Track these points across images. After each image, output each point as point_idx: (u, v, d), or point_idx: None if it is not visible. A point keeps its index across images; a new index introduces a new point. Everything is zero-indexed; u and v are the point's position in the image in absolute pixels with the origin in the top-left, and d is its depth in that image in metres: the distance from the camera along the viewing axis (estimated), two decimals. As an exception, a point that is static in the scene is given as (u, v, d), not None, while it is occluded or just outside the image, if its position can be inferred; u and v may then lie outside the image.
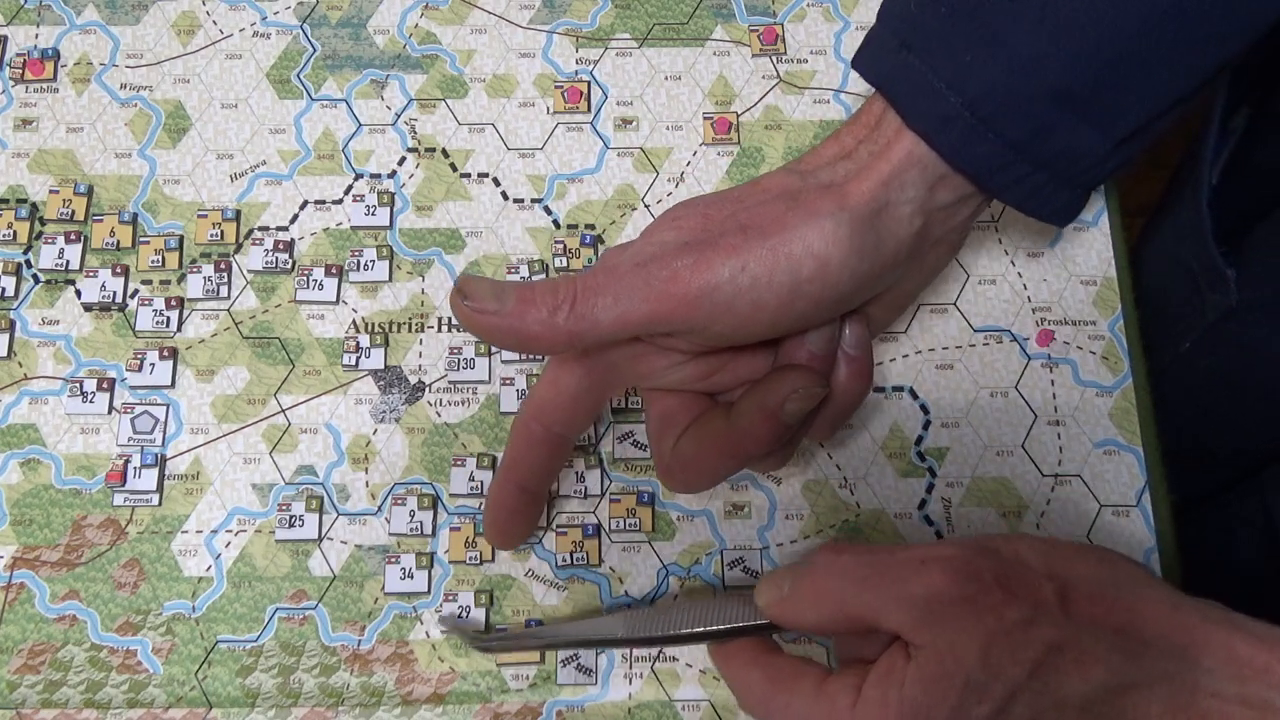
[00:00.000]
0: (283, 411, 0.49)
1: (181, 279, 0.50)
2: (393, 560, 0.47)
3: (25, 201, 0.52)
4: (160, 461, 0.48)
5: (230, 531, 0.47)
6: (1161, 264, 0.64)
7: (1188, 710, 0.30)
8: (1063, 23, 0.35)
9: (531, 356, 0.49)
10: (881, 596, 0.33)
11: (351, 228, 0.51)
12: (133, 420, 0.48)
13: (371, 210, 0.51)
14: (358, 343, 0.49)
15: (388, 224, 0.51)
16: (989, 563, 0.32)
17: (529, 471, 0.42)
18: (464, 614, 0.46)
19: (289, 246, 0.51)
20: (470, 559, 0.46)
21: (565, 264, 0.50)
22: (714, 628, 0.38)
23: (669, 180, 0.52)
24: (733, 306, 0.36)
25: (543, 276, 0.50)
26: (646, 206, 0.52)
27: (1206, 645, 0.30)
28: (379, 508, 0.48)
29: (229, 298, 0.50)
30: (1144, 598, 0.31)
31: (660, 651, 0.46)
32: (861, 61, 0.39)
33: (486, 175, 0.52)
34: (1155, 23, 0.34)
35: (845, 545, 0.35)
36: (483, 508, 0.43)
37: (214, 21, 0.54)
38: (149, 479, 0.48)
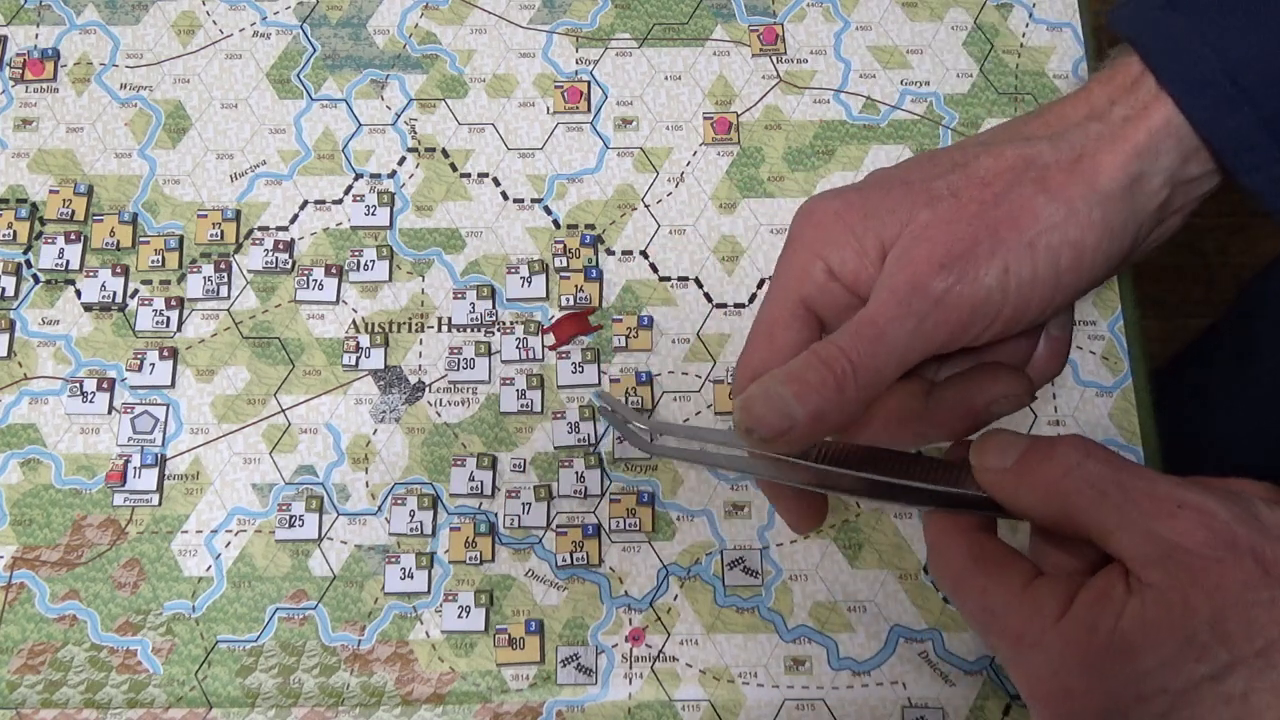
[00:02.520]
0: (283, 411, 0.49)
1: (181, 279, 0.50)
2: (393, 560, 0.46)
3: (25, 201, 0.52)
4: (160, 461, 0.48)
5: (230, 531, 0.47)
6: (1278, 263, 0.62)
7: None
8: None
9: (533, 356, 0.49)
10: (1123, 523, 0.31)
11: (351, 228, 0.51)
12: (133, 420, 0.48)
13: (371, 210, 0.51)
14: (358, 343, 0.49)
15: (388, 224, 0.51)
16: (1250, 532, 0.30)
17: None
18: (464, 614, 0.46)
19: (289, 246, 0.51)
20: (470, 559, 0.46)
21: (565, 264, 0.50)
22: (915, 484, 0.35)
23: (669, 180, 0.52)
24: (1000, 314, 0.35)
25: (543, 277, 0.50)
26: (646, 206, 0.52)
27: None
28: (379, 508, 0.48)
29: (229, 298, 0.50)
30: None
31: (661, 651, 0.46)
32: (1120, 18, 0.37)
33: (486, 175, 0.52)
34: None
35: (1093, 445, 0.32)
36: (770, 501, 0.41)
37: (214, 21, 0.54)
38: (149, 479, 0.47)
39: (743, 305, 0.50)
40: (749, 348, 0.38)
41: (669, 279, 0.51)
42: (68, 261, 0.50)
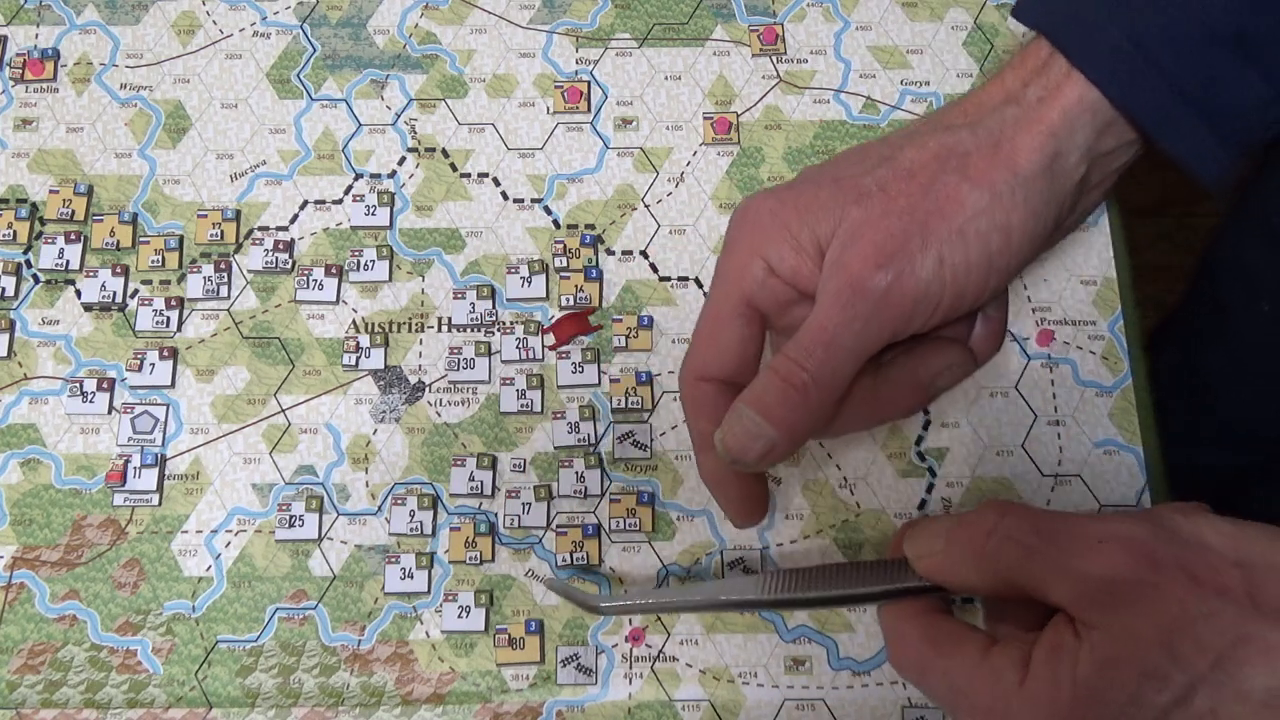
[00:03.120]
0: (283, 411, 0.49)
1: (181, 279, 0.50)
2: (393, 560, 0.46)
3: (25, 201, 0.52)
4: (160, 461, 0.48)
5: (230, 531, 0.47)
6: (1244, 229, 0.64)
7: None
8: None
9: (533, 356, 0.49)
10: (1052, 570, 0.31)
11: (351, 228, 0.51)
12: (133, 420, 0.48)
13: (371, 210, 0.51)
14: (358, 343, 0.49)
15: (388, 224, 0.51)
16: (1172, 548, 0.31)
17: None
18: (464, 614, 0.46)
19: (289, 246, 0.51)
20: (470, 559, 0.46)
21: (565, 264, 0.50)
22: (861, 590, 0.37)
23: (669, 180, 0.52)
24: (940, 303, 0.36)
25: (543, 277, 0.50)
26: (646, 206, 0.52)
27: None
28: (379, 508, 0.48)
29: (229, 298, 0.50)
30: None
31: (661, 651, 0.46)
32: (1024, 8, 0.39)
33: (486, 175, 0.52)
34: None
35: (1008, 504, 0.34)
36: (716, 500, 0.42)
37: (214, 21, 0.54)
38: (149, 479, 0.47)
39: (743, 305, 0.50)
40: (694, 347, 0.40)
41: (669, 279, 0.51)
42: (68, 261, 0.50)
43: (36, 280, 0.50)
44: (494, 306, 0.50)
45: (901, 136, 0.38)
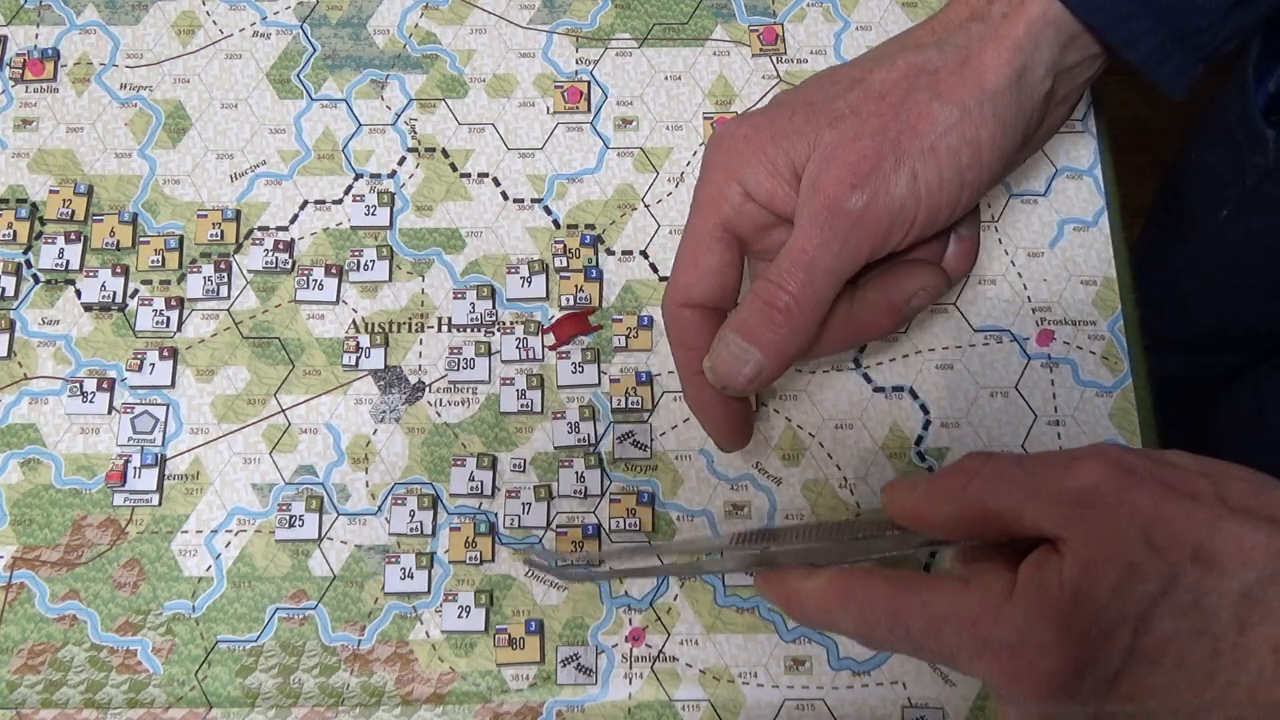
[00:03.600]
0: (283, 411, 0.49)
1: (181, 279, 0.50)
2: (393, 560, 0.46)
3: (25, 201, 0.52)
4: (160, 461, 0.48)
5: (230, 531, 0.47)
6: (1205, 137, 0.66)
7: None
8: None
9: (533, 356, 0.49)
10: (1029, 493, 0.32)
11: (351, 228, 0.51)
12: (133, 420, 0.48)
13: (371, 210, 0.51)
14: (358, 343, 0.49)
15: (388, 224, 0.51)
16: (1143, 460, 0.31)
17: (704, 354, 0.41)
18: (464, 614, 0.46)
19: (289, 246, 0.51)
20: (470, 559, 0.46)
21: (565, 264, 0.50)
22: (819, 541, 0.36)
23: (669, 180, 0.52)
24: (915, 220, 0.38)
25: (543, 277, 0.50)
26: (646, 206, 0.52)
27: None
28: (379, 508, 0.48)
29: (229, 298, 0.50)
30: None
31: (661, 651, 0.46)
32: None
33: (486, 175, 0.52)
34: None
35: (992, 453, 0.34)
36: (702, 424, 0.43)
37: (214, 21, 0.54)
38: (149, 479, 0.47)
39: (743, 305, 0.50)
40: (675, 272, 0.41)
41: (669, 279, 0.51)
42: (68, 261, 0.50)
43: (36, 280, 0.50)
44: (494, 306, 0.50)
45: (871, 58, 0.40)
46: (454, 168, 0.52)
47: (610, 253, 0.51)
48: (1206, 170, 0.66)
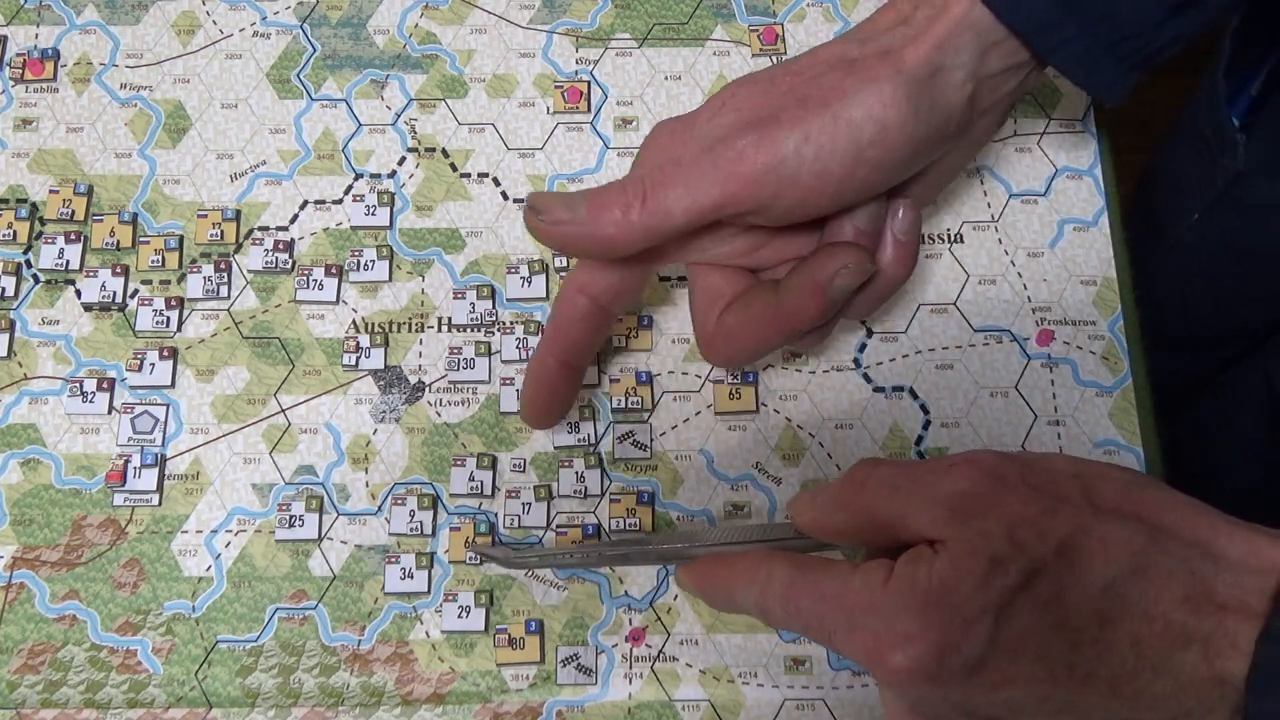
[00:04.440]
0: (283, 411, 0.49)
1: (181, 279, 0.50)
2: (393, 560, 0.46)
3: (25, 201, 0.52)
4: (160, 461, 0.48)
5: (230, 531, 0.47)
6: (1177, 140, 0.66)
7: (1208, 598, 0.30)
8: None
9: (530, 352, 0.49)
10: (910, 500, 0.33)
11: (351, 228, 0.51)
12: (133, 420, 0.48)
13: (371, 210, 0.51)
14: (358, 343, 0.49)
15: (388, 224, 0.51)
16: (1015, 466, 0.33)
17: (571, 344, 0.43)
18: (464, 614, 0.46)
19: (289, 246, 0.51)
20: (470, 559, 0.46)
21: (565, 264, 0.50)
22: (738, 540, 0.39)
23: (669, 180, 0.52)
24: (798, 179, 0.38)
25: (543, 277, 0.50)
26: (646, 206, 0.52)
27: (1230, 541, 0.31)
28: (379, 508, 0.48)
29: (229, 298, 0.50)
30: (1169, 500, 0.32)
31: (661, 651, 0.46)
32: None
33: (486, 175, 0.52)
34: None
35: (880, 459, 0.36)
36: (522, 388, 0.44)
37: (214, 21, 0.54)
38: (149, 479, 0.47)
39: (743, 305, 0.50)
40: (580, 261, 0.42)
41: (669, 279, 0.51)
42: (68, 261, 0.50)
43: (36, 280, 0.50)
44: (494, 306, 0.50)
45: (800, 54, 0.41)
46: (454, 168, 0.52)
47: (610, 253, 0.51)
48: (1178, 172, 0.66)
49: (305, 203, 0.52)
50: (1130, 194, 0.61)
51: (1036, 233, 0.51)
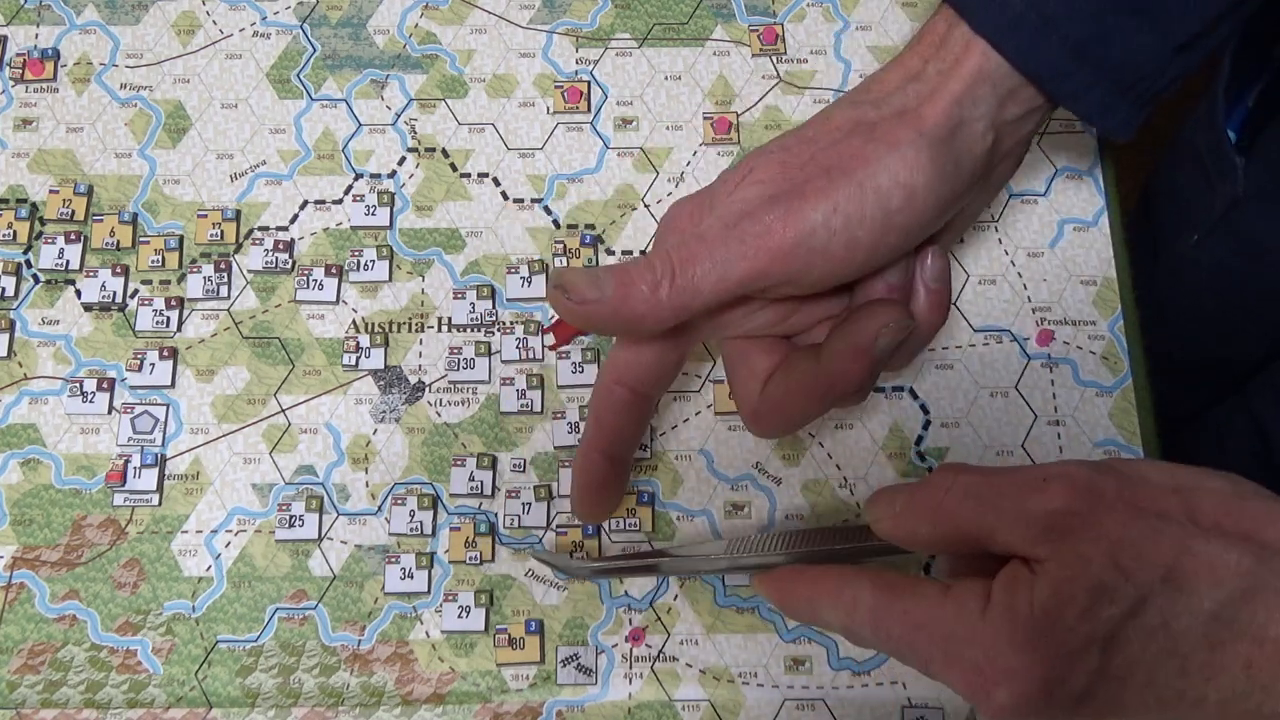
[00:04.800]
0: (283, 411, 0.49)
1: (181, 279, 0.50)
2: (393, 560, 0.46)
3: (25, 201, 0.52)
4: (160, 461, 0.48)
5: (230, 531, 0.47)
6: (1179, 158, 0.65)
7: None
8: None
9: (533, 356, 0.49)
10: (1000, 514, 0.32)
11: (351, 228, 0.51)
12: (133, 420, 0.48)
13: (371, 210, 0.51)
14: (358, 343, 0.49)
15: (388, 224, 0.51)
16: (1112, 480, 0.32)
17: (616, 437, 0.42)
18: (464, 614, 0.46)
19: (289, 246, 0.51)
20: (470, 559, 0.46)
21: (565, 264, 0.50)
22: (818, 547, 0.38)
23: (669, 180, 0.52)
24: (828, 250, 0.37)
25: (543, 277, 0.50)
26: (646, 206, 0.52)
27: None
28: (379, 508, 0.48)
29: (229, 298, 0.50)
30: (1274, 511, 0.31)
31: (661, 651, 0.46)
32: None
33: (486, 175, 0.52)
34: None
35: (964, 465, 0.34)
36: (571, 484, 0.43)
37: (214, 21, 0.54)
38: (149, 479, 0.47)
39: (743, 305, 0.50)
40: (614, 348, 0.41)
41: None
42: (68, 261, 0.50)
43: (36, 280, 0.50)
44: (494, 306, 0.50)
45: (808, 120, 0.40)
46: (454, 168, 0.52)
47: (610, 253, 0.51)
48: (1177, 193, 0.65)
49: (305, 203, 0.52)
50: (1130, 195, 0.60)
51: (1036, 233, 0.51)
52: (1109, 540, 0.30)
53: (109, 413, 0.49)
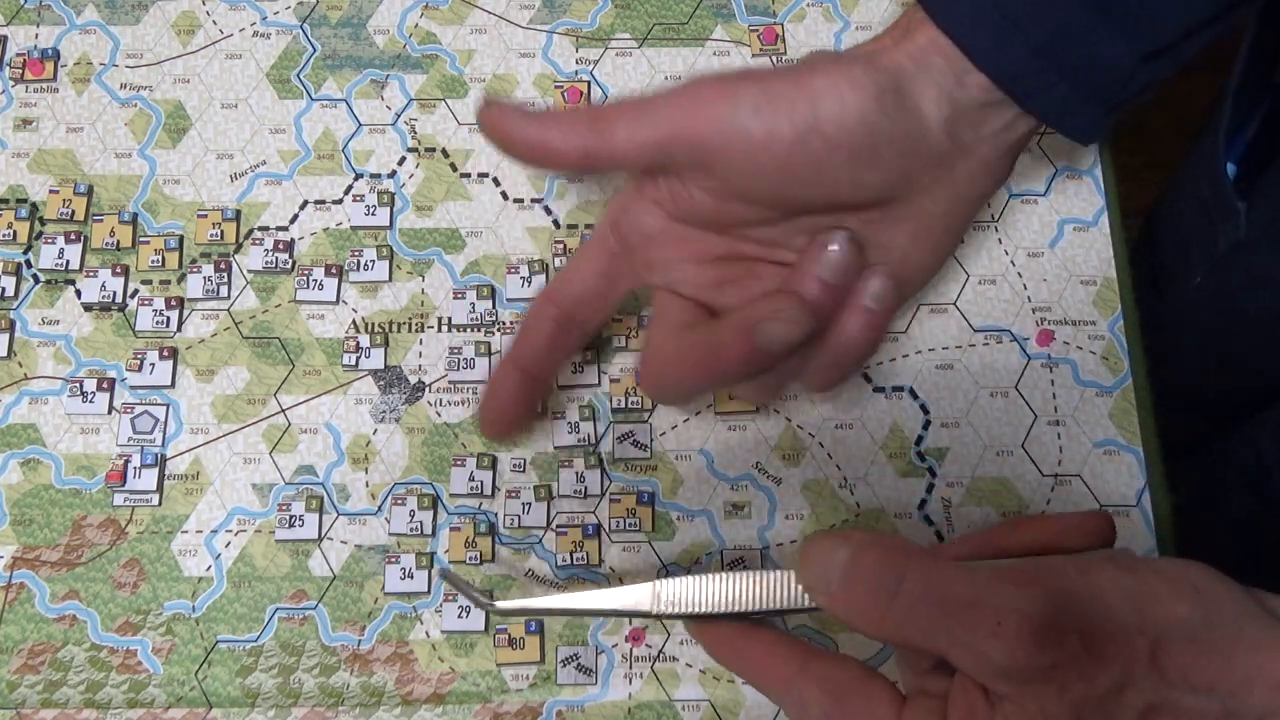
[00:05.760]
0: (283, 411, 0.49)
1: (181, 279, 0.50)
2: (393, 560, 0.46)
3: (25, 201, 0.52)
4: (160, 461, 0.48)
5: (230, 531, 0.47)
6: (1181, 196, 0.65)
7: None
8: None
9: (531, 356, 0.49)
10: (953, 643, 0.30)
11: (351, 228, 0.51)
12: (133, 420, 0.48)
13: (371, 210, 0.51)
14: (358, 343, 0.49)
15: (388, 224, 0.51)
16: (1073, 621, 0.30)
17: (533, 353, 0.43)
18: (464, 614, 0.46)
19: (289, 246, 0.51)
20: (470, 559, 0.46)
21: (565, 263, 0.50)
22: (756, 608, 0.35)
23: (669, 180, 0.52)
24: (749, 132, 0.37)
25: (543, 277, 0.50)
26: (646, 206, 0.52)
27: None
28: (379, 508, 0.48)
29: (229, 298, 0.50)
30: (1241, 638, 0.30)
31: (661, 651, 0.46)
32: None
33: (486, 175, 0.52)
34: None
35: (909, 554, 0.32)
36: (480, 395, 0.43)
37: (214, 21, 0.54)
38: (149, 479, 0.47)
39: (743, 305, 0.50)
40: (557, 274, 0.43)
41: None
42: (68, 261, 0.50)
43: (36, 280, 0.50)
44: (494, 306, 0.50)
45: None
46: (454, 168, 0.52)
47: (610, 253, 0.51)
48: (1182, 230, 0.64)
49: (305, 203, 0.52)
50: (1133, 226, 0.60)
51: (1036, 232, 0.51)
52: (1072, 695, 0.29)
53: (109, 413, 0.49)
